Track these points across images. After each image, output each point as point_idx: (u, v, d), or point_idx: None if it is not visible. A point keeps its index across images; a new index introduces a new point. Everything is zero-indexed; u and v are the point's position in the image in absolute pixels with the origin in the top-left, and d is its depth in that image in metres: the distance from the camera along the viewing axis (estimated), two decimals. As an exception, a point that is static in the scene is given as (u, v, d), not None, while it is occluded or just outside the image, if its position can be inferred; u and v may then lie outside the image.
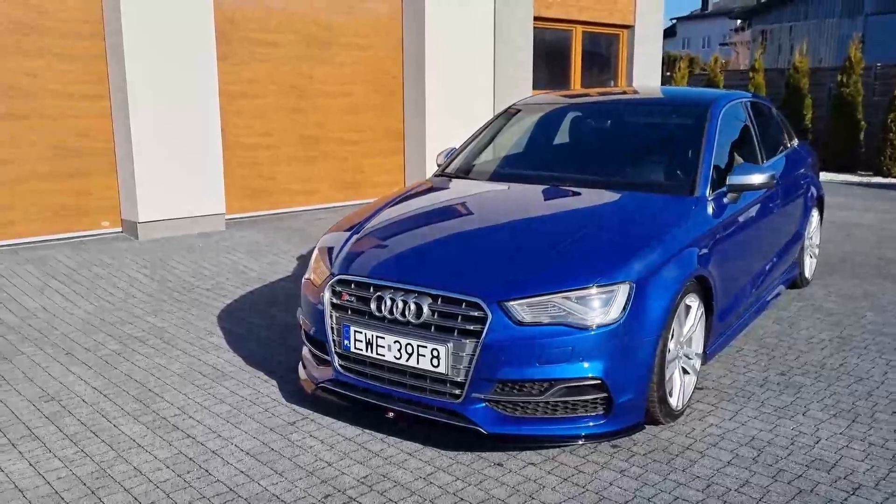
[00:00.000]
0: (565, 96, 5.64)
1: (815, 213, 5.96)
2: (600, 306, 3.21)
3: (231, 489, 3.07)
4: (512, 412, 3.23)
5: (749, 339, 4.83)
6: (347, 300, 3.55)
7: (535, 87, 11.19)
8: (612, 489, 3.08)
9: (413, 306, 3.32)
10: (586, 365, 3.17)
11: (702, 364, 3.95)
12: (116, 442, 3.47)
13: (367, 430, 3.56)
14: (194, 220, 7.84)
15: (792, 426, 3.64)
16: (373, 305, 3.43)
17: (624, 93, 5.68)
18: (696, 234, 3.79)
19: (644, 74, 12.66)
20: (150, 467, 3.24)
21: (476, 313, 3.20)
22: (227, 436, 3.53)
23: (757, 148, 4.95)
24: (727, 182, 4.14)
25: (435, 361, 3.25)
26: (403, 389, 3.38)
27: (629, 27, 12.42)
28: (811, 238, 5.96)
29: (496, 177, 4.76)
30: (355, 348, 3.48)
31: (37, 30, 7.09)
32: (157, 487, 3.08)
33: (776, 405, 3.87)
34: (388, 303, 3.38)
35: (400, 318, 3.35)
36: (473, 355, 3.17)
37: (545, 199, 4.26)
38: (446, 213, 4.15)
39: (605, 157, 4.68)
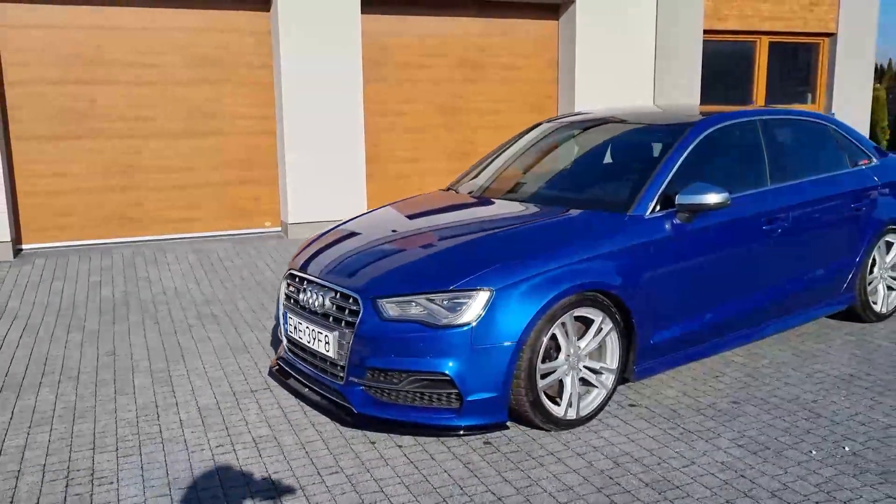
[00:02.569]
0: (587, 117, 5.58)
1: (892, 240, 5.40)
2: (455, 309, 3.54)
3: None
4: (380, 397, 3.68)
5: (744, 364, 4.64)
6: (289, 291, 4.23)
7: (708, 102, 10.84)
8: (442, 475, 3.40)
9: (320, 298, 3.91)
10: (437, 361, 3.52)
11: (619, 382, 4.00)
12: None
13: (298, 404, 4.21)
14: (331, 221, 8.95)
15: (678, 449, 3.61)
16: (300, 296, 4.08)
17: (633, 111, 5.58)
18: (610, 249, 3.88)
19: (850, 87, 11.56)
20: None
21: (355, 307, 3.71)
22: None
23: (765, 169, 4.71)
24: (675, 201, 4.12)
25: (327, 347, 3.81)
26: (314, 369, 3.98)
27: (831, 35, 11.44)
28: (886, 267, 5.40)
29: (473, 190, 5.07)
30: (291, 331, 4.15)
31: (219, 62, 8.66)
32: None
33: (687, 429, 3.82)
34: (308, 294, 4.00)
35: (311, 308, 3.96)
36: (349, 343, 3.68)
37: (473, 212, 4.58)
38: (385, 223, 4.61)
39: (572, 175, 4.82)
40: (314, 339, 3.91)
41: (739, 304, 4.50)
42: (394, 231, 4.35)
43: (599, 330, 3.86)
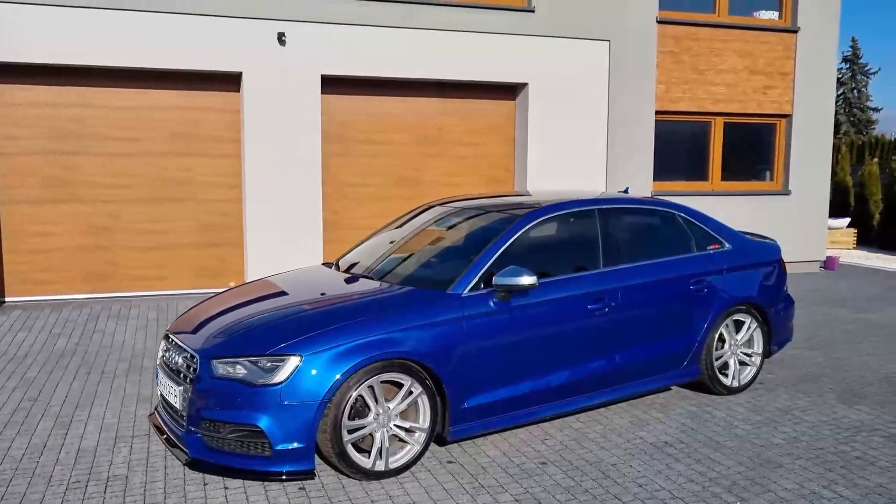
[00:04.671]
0: (455, 200, 6.15)
1: (742, 319, 5.86)
2: (271, 371, 4.15)
3: (33, 466, 4.56)
4: (212, 444, 4.28)
5: (578, 429, 5.12)
6: (163, 349, 4.90)
7: (663, 179, 11.40)
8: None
9: (177, 357, 4.56)
10: (252, 414, 4.13)
11: (434, 442, 4.54)
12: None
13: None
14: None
15: (460, 501, 4.12)
16: (166, 355, 4.74)
17: (505, 196, 6.15)
18: (423, 322, 4.46)
19: (808, 166, 11.99)
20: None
21: (195, 366, 4.35)
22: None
23: (598, 254, 5.26)
24: (493, 282, 4.70)
25: (175, 399, 4.45)
26: (169, 418, 4.62)
27: (786, 116, 11.94)
28: (737, 344, 5.85)
29: (344, 266, 5.66)
30: (159, 385, 4.80)
31: (192, 137, 9.57)
32: None
33: (482, 484, 4.32)
34: (171, 353, 4.66)
35: (171, 365, 4.61)
36: (189, 396, 4.32)
37: (325, 287, 5.19)
38: (249, 293, 5.24)
39: (421, 256, 5.41)
40: (169, 392, 4.55)
41: (563, 375, 5.00)
42: (250, 301, 5.00)
43: (410, 393, 4.42)
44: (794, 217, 11.97)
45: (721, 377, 5.82)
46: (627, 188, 6.54)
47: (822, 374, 6.49)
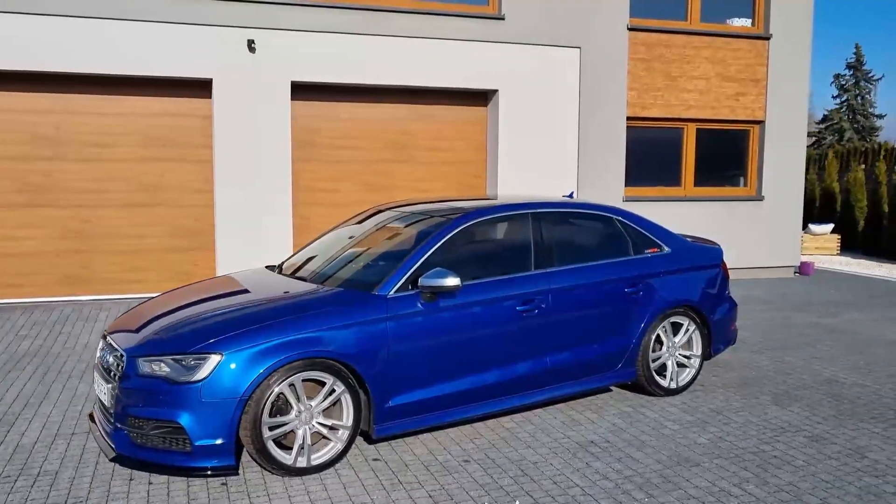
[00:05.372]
0: (404, 204, 6.24)
1: (680, 321, 5.95)
2: (193, 369, 4.27)
3: None
4: (136, 440, 4.39)
5: (511, 428, 5.22)
6: (100, 349, 5.02)
7: (636, 184, 11.50)
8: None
9: (108, 356, 4.69)
10: (172, 412, 4.25)
11: (364, 439, 4.64)
12: None
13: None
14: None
15: (375, 496, 4.22)
16: (101, 353, 4.86)
17: (450, 200, 6.24)
18: (347, 322, 4.57)
19: (781, 171, 12.07)
20: None
21: (123, 365, 4.47)
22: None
23: (530, 256, 5.36)
24: (418, 284, 4.81)
25: (105, 397, 4.57)
26: (101, 415, 4.74)
27: (759, 122, 12.02)
28: (676, 346, 5.94)
29: (286, 268, 5.79)
30: (95, 384, 4.92)
31: (166, 142, 9.73)
32: None
33: (400, 481, 4.43)
34: (104, 352, 4.79)
35: (104, 364, 4.73)
36: (116, 393, 4.44)
37: (260, 288, 5.31)
38: (187, 294, 5.36)
39: (356, 258, 5.52)
40: (101, 390, 4.67)
41: (491, 376, 5.11)
42: (184, 303, 5.12)
43: (332, 391, 4.53)
44: (767, 222, 12.04)
45: (658, 378, 5.91)
46: (572, 193, 6.65)
47: (764, 376, 6.57)
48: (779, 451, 4.89)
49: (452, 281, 4.76)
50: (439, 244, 5.07)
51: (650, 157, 11.77)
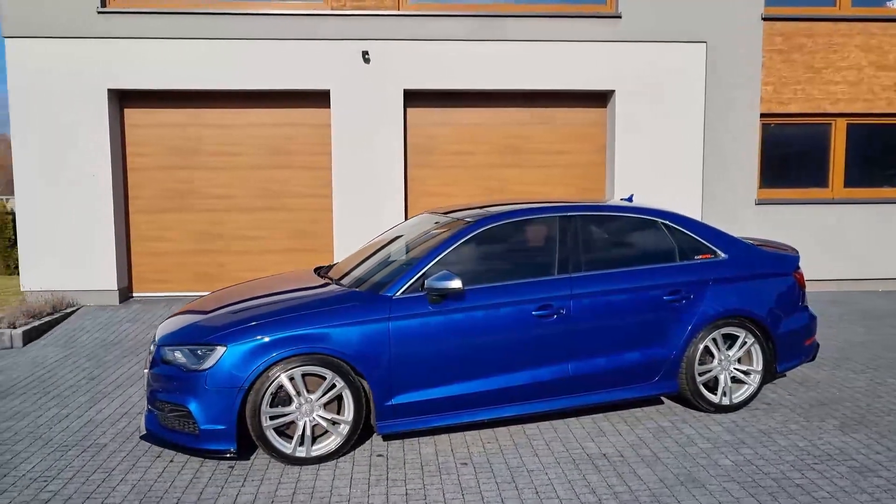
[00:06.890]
0: (453, 209, 6.14)
1: (735, 333, 5.51)
2: (199, 359, 4.66)
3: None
4: (162, 421, 4.86)
5: (533, 434, 5.14)
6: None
7: (772, 186, 10.69)
8: (166, 484, 4.50)
9: (151, 346, 5.22)
10: (182, 397, 4.66)
11: (356, 433, 4.79)
12: (61, 401, 6.11)
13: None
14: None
15: (364, 488, 4.36)
16: (150, 347, 5.42)
17: (496, 205, 6.08)
18: (349, 321, 4.75)
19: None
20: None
21: (153, 353, 4.97)
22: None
23: (554, 261, 5.22)
24: (424, 286, 4.88)
25: (145, 381, 5.10)
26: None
27: (925, 115, 10.67)
28: (729, 359, 5.52)
29: (329, 272, 5.99)
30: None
31: (286, 151, 10.48)
32: (26, 422, 5.60)
33: (391, 478, 4.53)
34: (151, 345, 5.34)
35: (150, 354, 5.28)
36: (148, 380, 4.95)
37: (293, 289, 5.55)
38: (230, 294, 5.71)
39: (384, 262, 5.60)
40: (145, 376, 5.21)
41: (503, 379, 5.04)
42: (224, 300, 5.52)
43: (333, 386, 4.73)
44: (933, 228, 10.66)
45: (707, 393, 5.51)
46: (632, 196, 6.32)
47: (848, 398, 5.89)
48: (807, 479, 4.41)
49: (455, 284, 4.79)
50: (452, 248, 5.10)
51: (789, 156, 10.84)
